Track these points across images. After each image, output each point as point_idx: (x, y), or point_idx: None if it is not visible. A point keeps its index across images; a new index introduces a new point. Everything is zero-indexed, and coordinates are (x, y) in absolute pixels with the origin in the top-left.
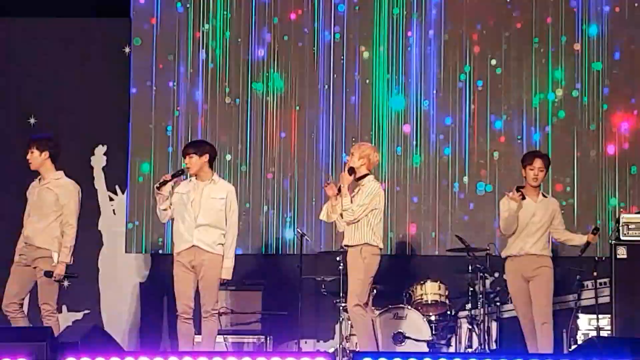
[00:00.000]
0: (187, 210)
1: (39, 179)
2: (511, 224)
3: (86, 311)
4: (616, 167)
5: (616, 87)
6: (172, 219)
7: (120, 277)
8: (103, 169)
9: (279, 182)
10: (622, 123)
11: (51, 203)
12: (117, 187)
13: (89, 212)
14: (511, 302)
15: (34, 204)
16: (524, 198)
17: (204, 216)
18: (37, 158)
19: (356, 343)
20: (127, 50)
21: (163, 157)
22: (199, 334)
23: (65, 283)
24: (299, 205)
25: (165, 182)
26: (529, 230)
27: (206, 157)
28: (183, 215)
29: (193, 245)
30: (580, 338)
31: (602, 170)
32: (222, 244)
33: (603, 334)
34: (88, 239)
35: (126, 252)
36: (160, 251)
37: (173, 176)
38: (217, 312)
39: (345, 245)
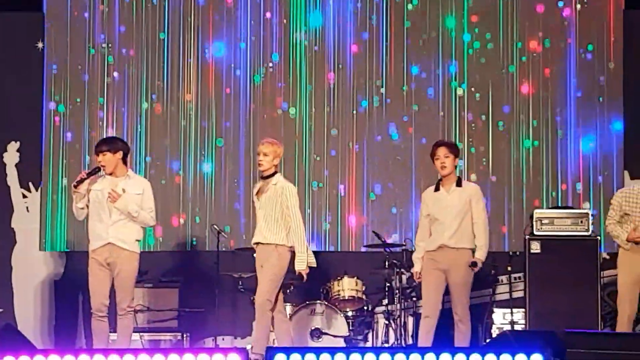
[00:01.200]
0: (102, 207)
1: None
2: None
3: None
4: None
5: None
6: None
7: (34, 275)
8: (16, 165)
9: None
10: None
11: None
12: (30, 184)
13: (1, 209)
14: None
15: None
16: (437, 189)
17: (120, 213)
18: None
19: (274, 340)
20: (40, 45)
21: (77, 155)
22: (115, 331)
23: None
24: (216, 201)
25: (82, 180)
26: (444, 223)
27: (120, 154)
28: (98, 212)
29: (108, 243)
30: (495, 332)
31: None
32: (139, 240)
33: (517, 327)
34: (1, 236)
35: (40, 249)
36: (75, 249)
37: (89, 174)
38: (132, 309)
39: (258, 243)
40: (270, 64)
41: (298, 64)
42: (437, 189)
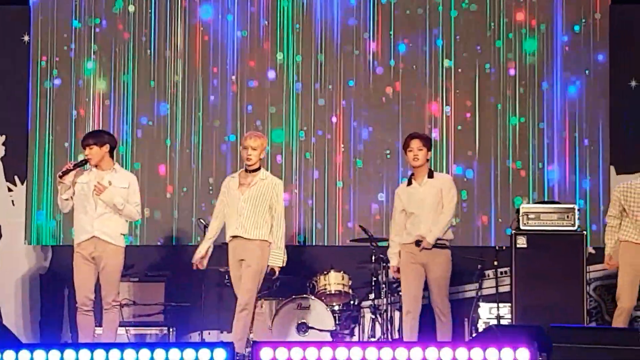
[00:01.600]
0: (87, 199)
1: None
2: None
3: None
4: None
5: None
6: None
7: (20, 269)
8: (1, 159)
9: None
10: None
11: None
12: (16, 177)
13: None
14: None
15: None
16: (410, 183)
17: (105, 206)
18: None
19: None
20: (26, 39)
21: (62, 149)
22: (100, 326)
23: None
24: (200, 195)
25: (67, 171)
26: (419, 216)
27: (106, 147)
28: (84, 205)
29: (93, 236)
30: (481, 326)
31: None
32: (124, 234)
33: (503, 322)
34: None
35: (25, 243)
36: (61, 243)
37: (75, 165)
38: (118, 303)
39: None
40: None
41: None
42: (409, 183)
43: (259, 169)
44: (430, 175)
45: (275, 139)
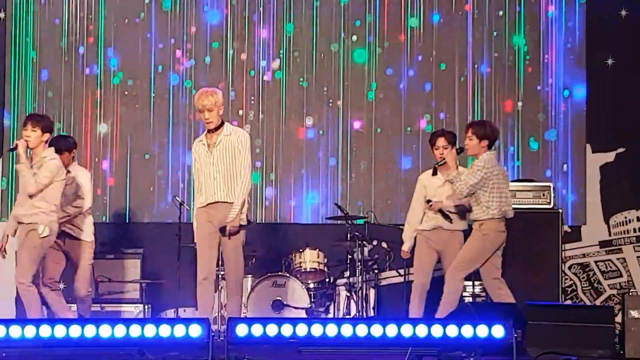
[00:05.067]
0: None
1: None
2: None
3: None
4: None
5: None
6: None
7: None
8: None
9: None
10: None
11: None
12: None
13: None
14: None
15: None
16: (435, 173)
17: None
18: None
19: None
20: (1, 15)
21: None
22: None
23: None
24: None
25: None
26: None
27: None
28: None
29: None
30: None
31: None
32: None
33: (479, 300)
34: None
35: None
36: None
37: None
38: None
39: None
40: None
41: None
42: (434, 173)
43: (221, 125)
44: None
45: None
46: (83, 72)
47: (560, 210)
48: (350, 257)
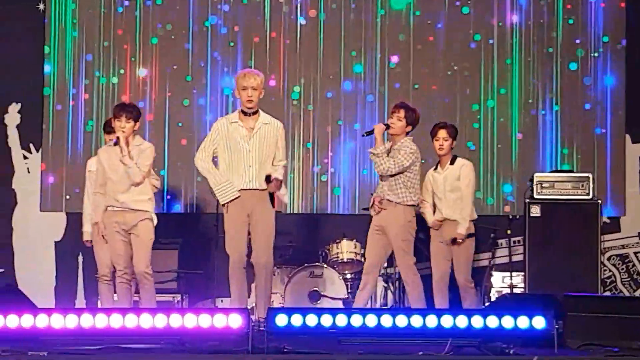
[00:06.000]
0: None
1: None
2: None
3: (0, 270)
4: None
5: None
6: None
7: (35, 235)
8: (17, 127)
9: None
10: None
11: None
12: (31, 145)
13: (2, 171)
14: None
15: None
16: (436, 168)
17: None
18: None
19: (272, 301)
20: (41, 7)
21: (76, 117)
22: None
23: None
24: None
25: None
26: (442, 199)
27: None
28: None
29: None
30: (493, 295)
31: None
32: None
33: (517, 291)
34: (2, 197)
35: (41, 210)
36: (76, 210)
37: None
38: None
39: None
40: None
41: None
42: (436, 168)
43: (257, 111)
44: (452, 161)
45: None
46: None
47: (600, 201)
48: None
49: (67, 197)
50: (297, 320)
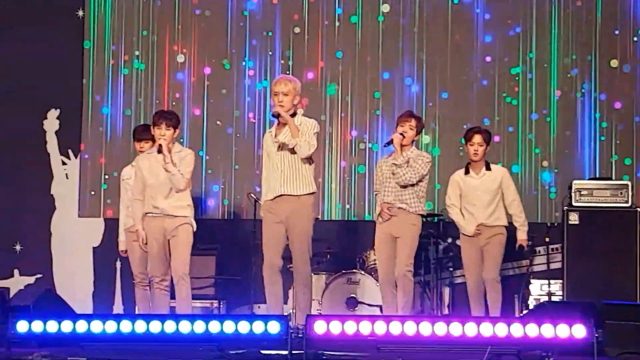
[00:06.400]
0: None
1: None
2: None
3: (39, 275)
4: None
5: None
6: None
7: (73, 241)
8: (56, 132)
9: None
10: None
11: None
12: (69, 151)
13: (41, 176)
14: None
15: None
16: (467, 172)
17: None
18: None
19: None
20: (80, 13)
21: (115, 124)
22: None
23: None
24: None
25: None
26: (477, 204)
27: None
28: None
29: None
30: (532, 303)
31: None
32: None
33: (555, 299)
34: (41, 203)
35: (79, 216)
36: (114, 216)
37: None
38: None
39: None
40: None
41: None
42: (467, 172)
43: (294, 114)
44: (488, 167)
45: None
46: None
47: (639, 209)
48: (424, 254)
49: (108, 201)
50: (335, 327)
